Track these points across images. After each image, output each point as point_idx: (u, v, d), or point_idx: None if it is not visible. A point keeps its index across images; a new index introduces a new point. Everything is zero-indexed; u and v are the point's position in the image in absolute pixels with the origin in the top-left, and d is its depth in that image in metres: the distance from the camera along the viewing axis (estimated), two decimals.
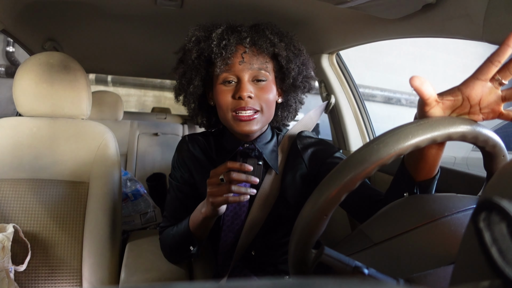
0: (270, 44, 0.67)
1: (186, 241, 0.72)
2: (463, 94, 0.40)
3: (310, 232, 0.39)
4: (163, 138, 2.04)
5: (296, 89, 0.74)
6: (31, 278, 0.83)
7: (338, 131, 1.23)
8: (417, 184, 0.51)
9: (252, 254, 0.74)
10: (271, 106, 0.69)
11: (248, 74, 0.66)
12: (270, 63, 0.69)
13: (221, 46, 0.65)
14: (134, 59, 1.67)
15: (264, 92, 0.66)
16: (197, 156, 0.77)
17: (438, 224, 0.38)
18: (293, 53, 0.70)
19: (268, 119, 0.70)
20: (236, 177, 0.58)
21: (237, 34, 0.66)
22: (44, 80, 0.89)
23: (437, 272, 0.33)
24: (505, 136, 3.07)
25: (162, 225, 0.81)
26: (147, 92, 5.58)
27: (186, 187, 0.77)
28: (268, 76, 0.68)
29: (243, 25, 0.70)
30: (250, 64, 0.66)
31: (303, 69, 0.72)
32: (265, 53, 0.67)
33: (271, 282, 0.15)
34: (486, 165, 0.45)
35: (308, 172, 0.74)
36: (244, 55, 0.65)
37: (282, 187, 0.73)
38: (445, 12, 0.63)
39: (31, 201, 0.87)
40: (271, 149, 0.74)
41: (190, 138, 0.80)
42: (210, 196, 0.61)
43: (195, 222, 0.69)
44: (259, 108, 0.66)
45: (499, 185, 0.25)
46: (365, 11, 0.72)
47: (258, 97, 0.66)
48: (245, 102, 0.64)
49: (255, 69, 0.66)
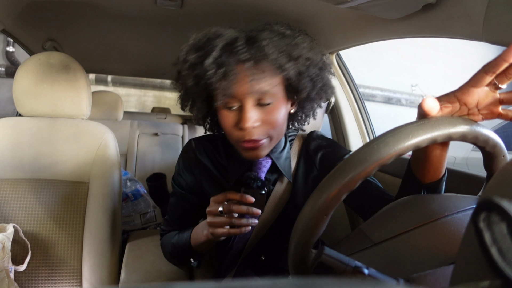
0: (275, 65, 0.56)
1: (187, 254, 0.71)
2: (460, 101, 0.40)
3: (310, 232, 0.39)
4: (163, 138, 2.04)
5: (312, 101, 0.66)
6: (31, 278, 0.83)
7: (338, 131, 1.23)
8: (425, 186, 0.51)
9: (262, 259, 0.73)
10: (281, 127, 0.62)
11: (252, 99, 0.57)
12: (277, 78, 0.58)
13: (217, 75, 0.55)
14: (134, 59, 1.67)
15: (271, 115, 0.58)
16: (206, 164, 0.72)
17: (438, 224, 0.38)
18: (304, 66, 0.59)
19: (278, 139, 0.64)
20: (236, 210, 0.55)
21: (235, 57, 0.55)
22: (44, 80, 0.89)
23: (437, 272, 0.33)
24: (505, 136, 3.06)
25: (163, 228, 0.79)
26: (147, 92, 5.58)
27: (191, 196, 0.73)
28: (275, 96, 0.58)
29: (240, 39, 0.57)
30: (252, 88, 0.56)
31: (317, 80, 0.62)
32: (270, 73, 0.57)
33: (271, 282, 0.15)
34: (486, 165, 0.45)
35: (319, 175, 0.71)
36: (245, 82, 0.55)
37: (293, 190, 0.71)
38: (445, 12, 0.63)
39: (31, 201, 0.87)
40: (285, 156, 0.70)
41: (196, 144, 0.74)
42: (210, 226, 0.58)
43: (197, 241, 0.66)
44: (266, 136, 0.60)
45: (499, 185, 0.25)
46: (365, 11, 0.72)
47: (264, 123, 0.59)
48: (249, 134, 0.58)
49: (260, 91, 0.56)
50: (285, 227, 0.71)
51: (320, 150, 0.72)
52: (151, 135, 2.03)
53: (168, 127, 2.10)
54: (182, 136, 2.08)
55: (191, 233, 0.69)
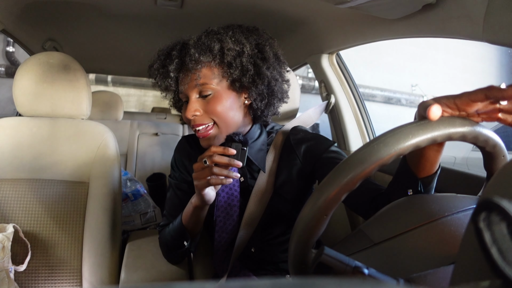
0: (195, 62, 0.65)
1: (180, 236, 0.73)
2: (459, 109, 0.39)
3: (310, 232, 0.39)
4: (163, 138, 2.04)
5: (255, 84, 0.68)
6: (31, 278, 0.83)
7: (338, 131, 1.23)
8: (420, 180, 0.51)
9: (252, 251, 0.75)
10: (225, 116, 0.67)
11: (194, 92, 0.67)
12: (216, 72, 0.67)
13: (158, 77, 0.70)
14: (134, 59, 1.67)
15: (212, 105, 0.66)
16: (195, 156, 0.77)
17: (438, 224, 0.38)
18: (231, 57, 0.66)
19: (229, 128, 0.69)
20: (218, 160, 0.59)
21: (169, 60, 0.68)
22: (44, 80, 0.89)
23: (437, 272, 0.33)
24: (505, 136, 3.07)
25: (161, 224, 0.81)
26: (147, 92, 5.58)
27: (185, 185, 0.79)
28: (214, 88, 0.66)
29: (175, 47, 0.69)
30: (189, 82, 0.67)
31: (249, 65, 0.66)
32: (200, 66, 0.66)
33: (271, 282, 0.15)
34: (486, 165, 0.45)
35: (303, 167, 0.73)
36: (186, 79, 0.67)
37: (277, 183, 0.73)
38: (445, 12, 0.63)
39: (31, 201, 0.87)
40: (258, 148, 0.74)
41: (188, 139, 0.82)
42: (195, 180, 0.62)
43: (187, 215, 0.70)
44: (210, 122, 0.67)
45: (499, 185, 0.25)
46: (365, 11, 0.72)
47: (206, 112, 0.67)
48: (192, 120, 0.67)
49: (197, 86, 0.66)
50: (274, 220, 0.74)
51: (303, 143, 0.74)
52: (151, 135, 2.03)
53: (168, 127, 2.10)
54: (182, 136, 2.08)
55: (182, 213, 0.73)
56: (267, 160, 0.73)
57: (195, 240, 0.77)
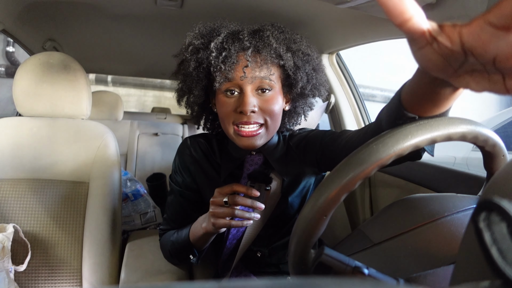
0: (275, 54, 0.61)
1: (186, 250, 0.71)
2: (464, 46, 0.25)
3: (310, 232, 0.39)
4: (163, 138, 2.04)
5: (305, 97, 0.70)
6: (31, 278, 0.83)
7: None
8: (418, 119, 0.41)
9: (258, 256, 0.74)
10: (277, 118, 0.64)
11: (251, 85, 0.60)
12: (276, 71, 0.63)
13: (220, 58, 0.59)
14: (134, 59, 1.67)
15: (269, 104, 0.61)
16: (200, 161, 0.74)
17: (438, 224, 0.38)
18: (301, 60, 0.64)
19: (274, 131, 0.66)
20: (241, 202, 0.56)
21: (239, 43, 0.59)
22: (44, 80, 0.89)
23: (437, 272, 0.33)
24: (505, 136, 3.06)
25: (162, 228, 0.80)
26: (147, 92, 5.58)
27: (188, 192, 0.75)
28: (273, 86, 0.62)
29: (244, 30, 0.63)
30: (253, 74, 0.60)
31: (312, 76, 0.66)
32: (270, 61, 0.61)
33: (271, 282, 0.15)
34: (486, 165, 0.45)
35: (307, 167, 0.72)
36: (246, 68, 0.59)
37: (284, 187, 0.72)
38: (445, 12, 0.63)
39: (31, 201, 0.87)
40: (279, 154, 0.72)
41: (192, 141, 0.76)
42: (212, 216, 0.59)
43: (195, 235, 0.67)
44: (263, 122, 0.62)
45: (499, 185, 0.25)
46: (365, 11, 0.72)
47: (262, 110, 0.61)
48: (247, 117, 0.60)
49: (259, 78, 0.60)
50: (280, 223, 0.73)
51: (299, 144, 0.74)
52: (151, 135, 2.03)
53: (168, 127, 2.09)
54: (182, 136, 2.08)
55: (190, 229, 0.70)
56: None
57: (202, 255, 0.74)
